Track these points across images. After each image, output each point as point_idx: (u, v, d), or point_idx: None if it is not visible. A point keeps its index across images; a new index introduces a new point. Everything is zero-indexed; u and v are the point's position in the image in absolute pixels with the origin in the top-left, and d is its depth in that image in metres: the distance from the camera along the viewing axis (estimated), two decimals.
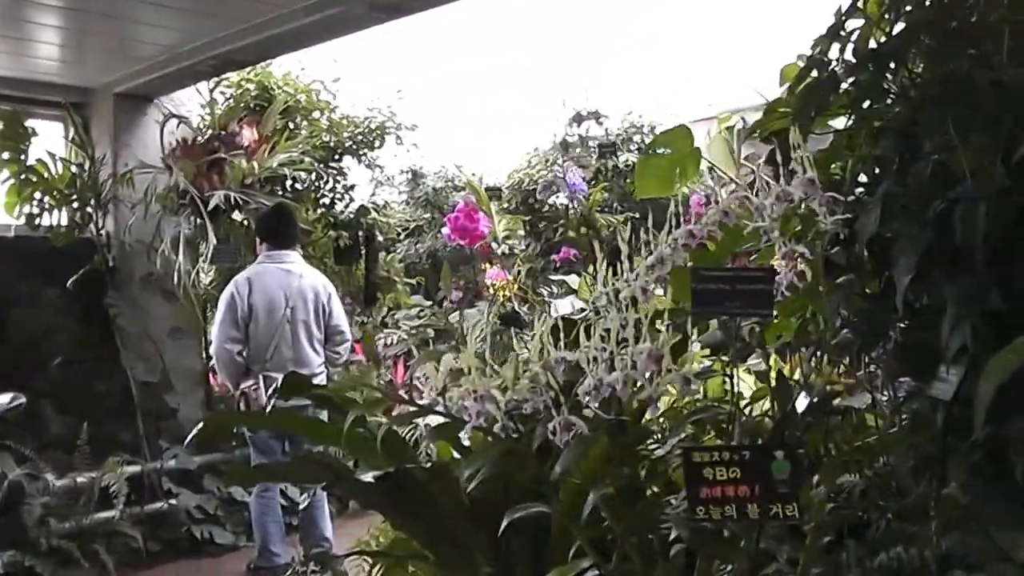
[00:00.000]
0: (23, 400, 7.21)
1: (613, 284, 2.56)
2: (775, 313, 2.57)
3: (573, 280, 8.52)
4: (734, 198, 2.60)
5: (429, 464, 3.24)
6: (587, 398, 2.28)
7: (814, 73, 2.78)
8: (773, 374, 2.72)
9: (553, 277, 9.68)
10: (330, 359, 7.60)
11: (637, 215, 9.59)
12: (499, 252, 9.03)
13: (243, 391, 7.10)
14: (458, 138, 13.34)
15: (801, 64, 2.92)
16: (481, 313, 9.78)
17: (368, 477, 3.10)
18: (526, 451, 2.50)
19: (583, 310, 3.40)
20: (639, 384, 2.26)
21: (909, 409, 2.58)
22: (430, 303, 11.21)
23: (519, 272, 8.80)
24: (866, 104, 2.69)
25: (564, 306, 7.42)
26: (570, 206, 9.99)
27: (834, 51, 2.77)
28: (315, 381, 6.82)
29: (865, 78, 2.68)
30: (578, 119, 2.92)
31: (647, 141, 11.18)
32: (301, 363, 7.24)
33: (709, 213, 2.61)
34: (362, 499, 4.54)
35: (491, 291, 8.94)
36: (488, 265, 9.61)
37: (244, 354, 7.18)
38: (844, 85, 2.71)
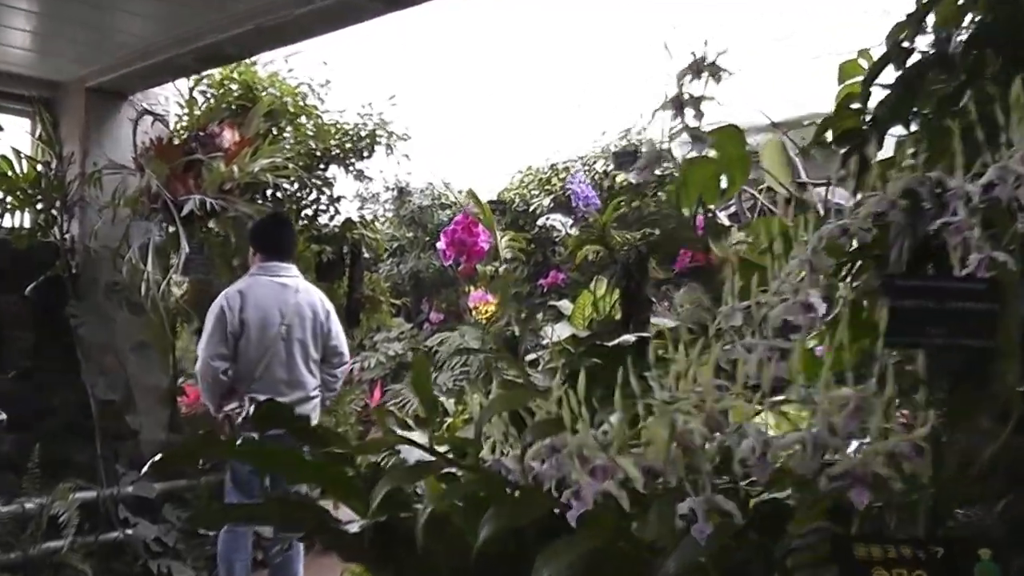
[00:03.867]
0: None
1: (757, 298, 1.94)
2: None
3: (565, 306, 8.01)
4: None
5: (428, 514, 2.65)
6: (749, 468, 1.65)
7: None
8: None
9: (549, 303, 9.15)
10: (326, 383, 7.10)
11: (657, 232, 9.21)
12: (500, 270, 8.42)
13: (227, 414, 6.51)
14: (447, 154, 12.92)
15: (863, 62, 2.78)
16: (462, 336, 9.40)
17: (355, 527, 2.50)
18: (635, 541, 1.81)
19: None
20: (831, 451, 1.65)
21: None
22: (411, 325, 10.77)
23: (514, 294, 8.23)
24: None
25: (563, 332, 6.91)
26: (565, 228, 9.54)
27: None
28: (309, 406, 6.68)
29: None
30: (696, 70, 2.50)
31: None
32: (295, 385, 6.81)
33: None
34: (347, 552, 3.88)
35: (475, 313, 8.46)
36: (471, 288, 9.20)
37: (230, 373, 6.68)
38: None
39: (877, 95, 2.54)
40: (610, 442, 1.63)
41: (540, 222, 11.18)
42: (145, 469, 7.08)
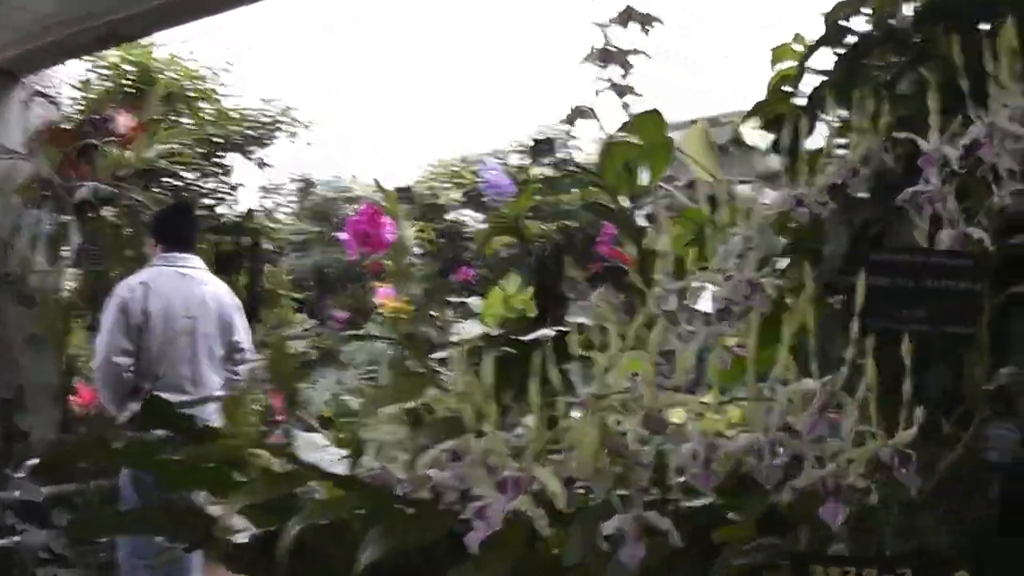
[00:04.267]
0: None
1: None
2: None
3: (475, 303, 7.76)
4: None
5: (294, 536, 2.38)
6: (687, 477, 1.36)
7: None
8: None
9: (453, 299, 8.90)
10: (229, 381, 6.66)
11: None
12: (406, 264, 8.12)
13: (132, 415, 6.10)
14: (356, 146, 12.65)
15: (798, 46, 2.66)
16: (369, 334, 9.13)
17: (242, 537, 2.25)
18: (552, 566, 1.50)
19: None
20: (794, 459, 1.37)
21: None
22: (316, 322, 10.43)
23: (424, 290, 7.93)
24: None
25: (472, 330, 6.64)
26: (476, 224, 9.33)
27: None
28: (212, 406, 5.86)
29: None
30: (624, 20, 2.26)
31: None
32: (199, 383, 6.43)
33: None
34: (235, 563, 3.58)
35: (382, 311, 8.16)
36: (379, 283, 8.90)
37: (132, 370, 6.28)
38: None
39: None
40: (524, 447, 1.35)
41: (450, 216, 10.97)
42: (27, 471, 6.81)
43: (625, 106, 2.41)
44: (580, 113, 2.42)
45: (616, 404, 1.23)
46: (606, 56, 2.33)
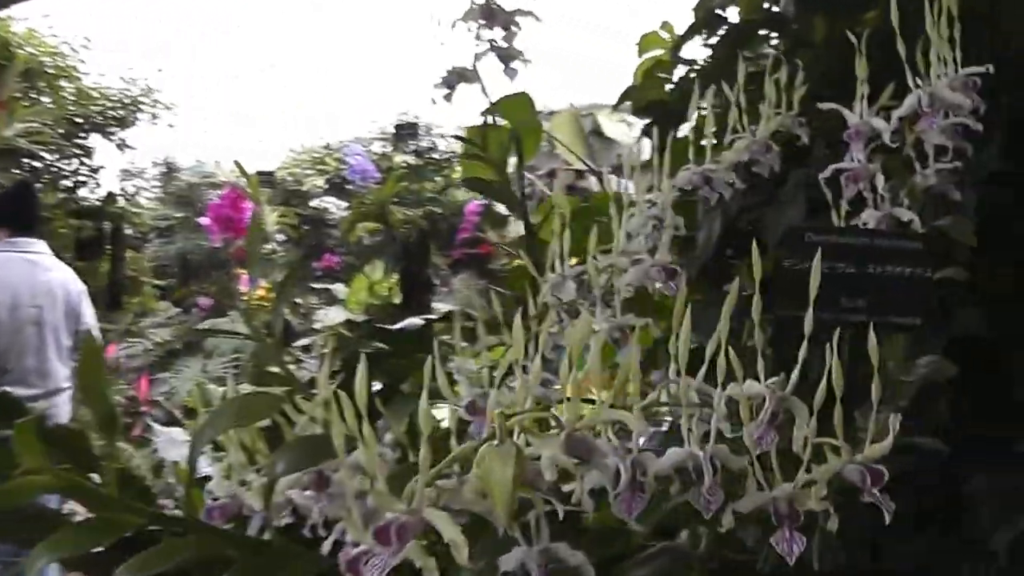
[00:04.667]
0: None
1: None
2: None
3: (339, 289, 7.55)
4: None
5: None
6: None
7: None
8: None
9: (317, 286, 8.66)
10: (75, 372, 6.22)
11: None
12: (268, 250, 7.85)
13: None
14: (218, 132, 12.38)
15: (665, 34, 2.61)
16: (233, 322, 8.83)
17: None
18: None
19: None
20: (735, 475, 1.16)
21: None
22: (179, 310, 10.09)
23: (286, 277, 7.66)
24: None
25: (336, 316, 6.41)
26: (340, 211, 9.11)
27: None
28: (61, 398, 5.91)
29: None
30: (488, 16, 1.97)
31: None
32: (46, 375, 5.97)
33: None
34: (92, 570, 3.27)
35: (247, 298, 7.88)
36: (243, 270, 8.61)
37: None
38: None
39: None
40: (405, 468, 1.11)
41: (314, 203, 10.77)
42: None
43: (511, 73, 2.16)
44: (461, 76, 2.16)
45: (525, 421, 0.97)
46: (488, 15, 2.08)
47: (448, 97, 2.19)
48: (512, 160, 2.35)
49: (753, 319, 1.17)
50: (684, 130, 1.84)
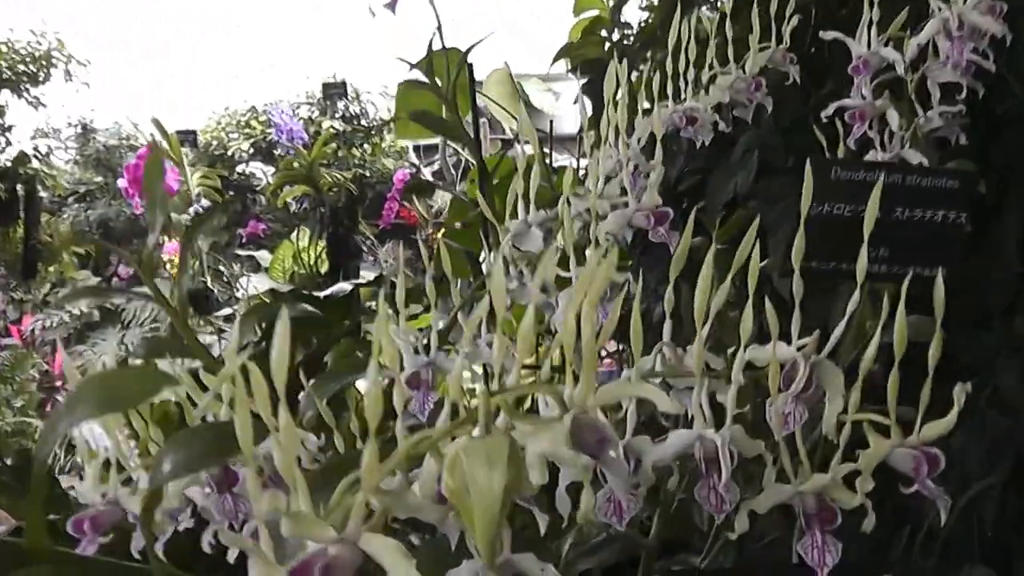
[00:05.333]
0: None
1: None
2: None
3: (263, 256, 7.33)
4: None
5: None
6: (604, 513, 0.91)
7: None
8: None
9: (241, 252, 8.40)
10: None
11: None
12: (182, 216, 7.56)
13: None
14: (136, 93, 12.08)
15: None
16: (155, 291, 8.51)
17: None
18: None
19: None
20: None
21: None
22: (99, 279, 9.79)
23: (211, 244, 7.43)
24: None
25: (261, 284, 6.22)
26: (267, 177, 8.88)
27: None
28: None
29: None
30: None
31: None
32: None
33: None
34: None
35: (170, 267, 7.61)
36: (167, 238, 8.33)
37: None
38: None
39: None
40: (333, 464, 0.87)
41: (240, 168, 10.51)
42: None
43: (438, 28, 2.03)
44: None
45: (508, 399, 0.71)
46: None
47: (391, 6, 2.07)
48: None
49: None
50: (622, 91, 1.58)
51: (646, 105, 1.68)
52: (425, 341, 1.28)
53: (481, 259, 1.78)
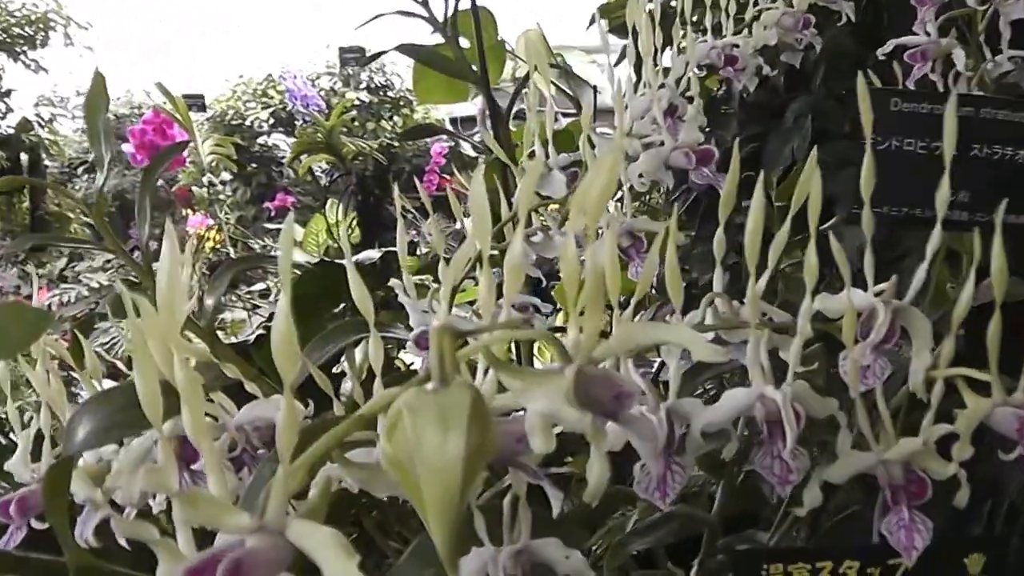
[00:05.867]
0: None
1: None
2: None
3: (295, 230, 7.18)
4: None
5: None
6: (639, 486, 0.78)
7: None
8: None
9: (270, 226, 8.29)
10: None
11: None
12: (204, 189, 7.43)
13: None
14: (146, 59, 11.95)
15: None
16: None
17: None
18: None
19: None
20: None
21: None
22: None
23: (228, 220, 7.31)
24: None
25: (295, 259, 6.05)
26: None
27: None
28: None
29: None
30: None
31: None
32: None
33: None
34: None
35: (196, 242, 7.50)
36: (190, 211, 8.19)
37: None
38: None
39: None
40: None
41: (261, 140, 10.35)
42: None
43: None
44: None
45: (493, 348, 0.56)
46: None
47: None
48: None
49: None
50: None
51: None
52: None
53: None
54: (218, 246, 7.22)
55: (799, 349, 0.75)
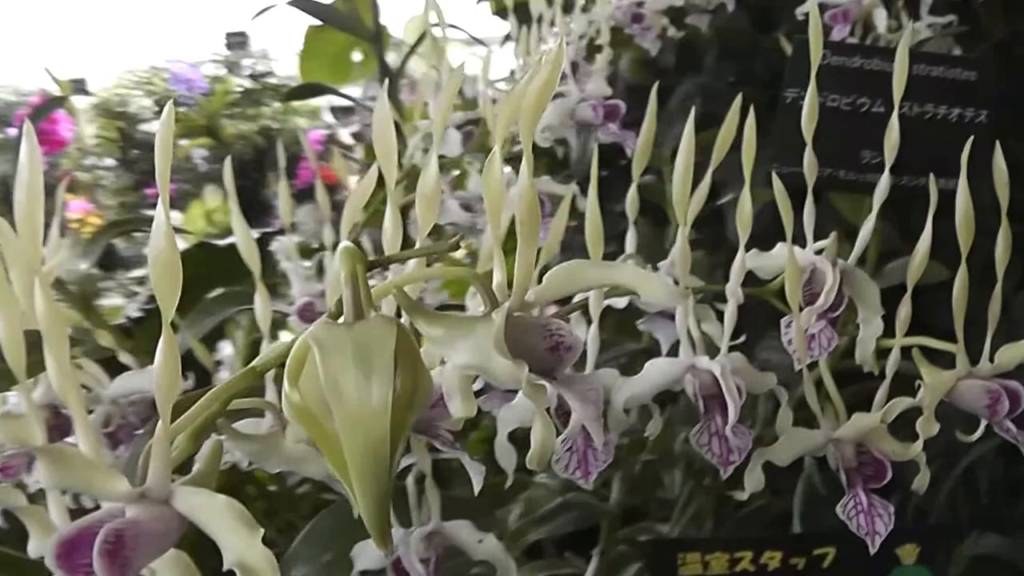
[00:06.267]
0: None
1: None
2: None
3: (175, 217, 7.13)
4: None
5: None
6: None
7: None
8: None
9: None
10: None
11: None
12: (87, 174, 7.38)
13: None
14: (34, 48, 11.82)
15: None
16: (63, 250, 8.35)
17: None
18: None
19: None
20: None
21: None
22: None
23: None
24: None
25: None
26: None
27: None
28: None
29: None
30: None
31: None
32: None
33: None
34: None
35: (78, 227, 7.40)
36: (72, 196, 8.12)
37: None
38: None
39: None
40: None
41: (143, 127, 10.31)
42: None
43: None
44: None
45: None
46: None
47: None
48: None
49: None
50: None
51: None
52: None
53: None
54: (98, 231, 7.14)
55: (734, 312, 0.68)
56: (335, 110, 8.79)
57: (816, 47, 0.74)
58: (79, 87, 8.40)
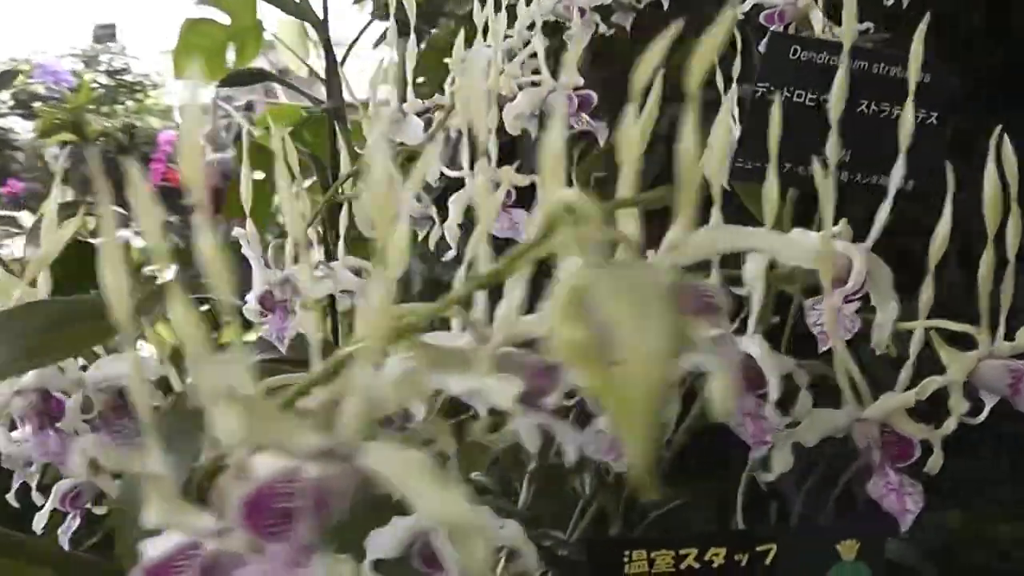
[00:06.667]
0: None
1: None
2: None
3: (24, 218, 7.05)
4: None
5: None
6: None
7: None
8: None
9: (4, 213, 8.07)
10: None
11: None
12: None
13: None
14: None
15: None
16: None
17: None
18: None
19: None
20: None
21: None
22: None
23: None
24: None
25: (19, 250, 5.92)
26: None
27: None
28: None
29: None
30: None
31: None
32: None
33: None
34: None
35: None
36: None
37: None
38: None
39: None
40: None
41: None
42: None
43: None
44: None
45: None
46: None
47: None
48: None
49: None
50: None
51: None
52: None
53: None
54: None
55: (762, 293, 0.68)
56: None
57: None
58: None
